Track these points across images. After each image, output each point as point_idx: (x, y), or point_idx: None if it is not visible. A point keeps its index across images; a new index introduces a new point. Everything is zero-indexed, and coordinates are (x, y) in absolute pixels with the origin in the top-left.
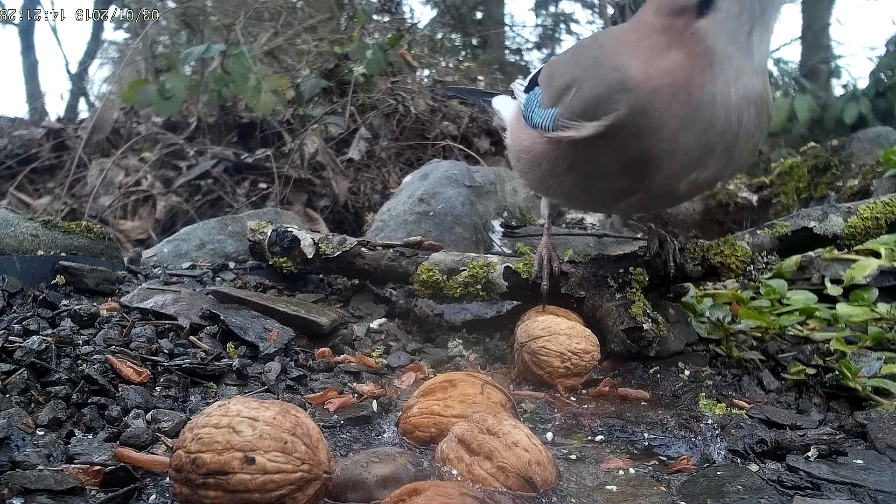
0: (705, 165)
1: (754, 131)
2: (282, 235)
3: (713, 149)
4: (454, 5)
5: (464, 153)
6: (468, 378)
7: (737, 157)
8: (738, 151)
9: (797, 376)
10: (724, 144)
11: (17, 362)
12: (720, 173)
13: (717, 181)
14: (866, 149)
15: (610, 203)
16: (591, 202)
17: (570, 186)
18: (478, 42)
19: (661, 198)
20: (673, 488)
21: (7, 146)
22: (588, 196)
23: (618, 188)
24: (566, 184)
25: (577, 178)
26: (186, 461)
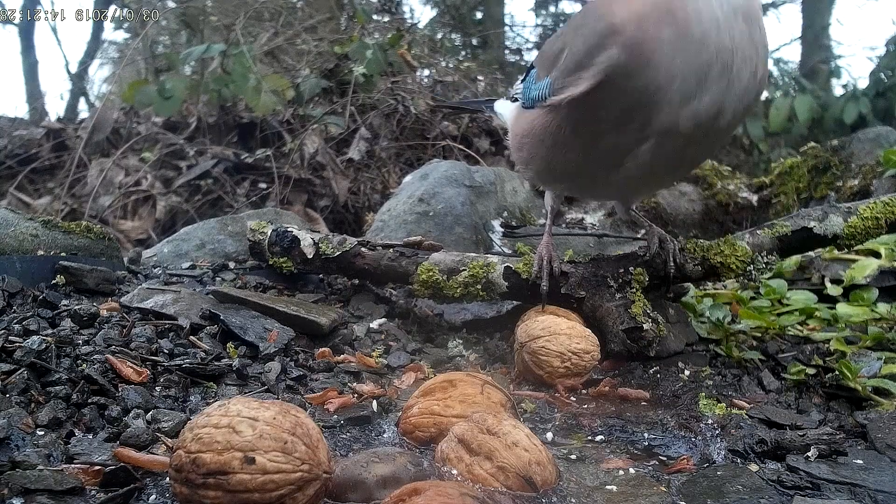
0: (704, 89)
1: (749, 49)
2: (282, 235)
3: (709, 68)
4: (454, 5)
5: (464, 153)
6: (468, 378)
7: (736, 84)
8: (735, 74)
9: (797, 376)
10: (721, 64)
11: (17, 362)
12: (721, 101)
13: (719, 115)
14: (866, 149)
15: (616, 168)
16: (596, 176)
17: (574, 158)
18: (478, 42)
19: (666, 147)
20: (673, 488)
21: (7, 146)
22: (593, 167)
23: (622, 145)
24: (570, 155)
25: (580, 145)
26: (186, 461)
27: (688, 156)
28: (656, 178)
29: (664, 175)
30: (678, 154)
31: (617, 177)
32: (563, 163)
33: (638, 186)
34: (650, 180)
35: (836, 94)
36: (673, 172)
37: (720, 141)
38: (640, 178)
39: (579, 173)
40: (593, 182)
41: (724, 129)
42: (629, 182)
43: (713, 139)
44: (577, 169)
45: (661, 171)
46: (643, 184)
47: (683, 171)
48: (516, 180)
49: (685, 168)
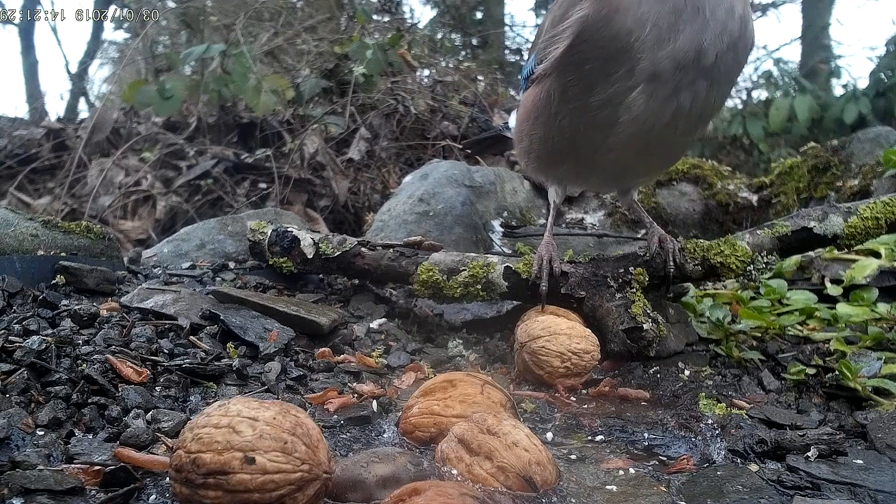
0: (678, 31)
1: None
2: (282, 235)
3: (679, 10)
4: (454, 5)
5: (464, 153)
6: (468, 378)
7: (712, 23)
8: (710, 14)
9: (797, 376)
10: (691, 5)
11: (17, 362)
12: (699, 41)
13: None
14: (866, 149)
15: (611, 129)
16: (594, 148)
17: (568, 126)
18: (478, 42)
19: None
20: (673, 488)
21: (7, 146)
22: (588, 133)
23: (612, 99)
24: (564, 123)
25: (572, 110)
26: (186, 461)
27: (684, 107)
28: (656, 140)
29: (664, 134)
30: (673, 105)
31: (615, 140)
32: (559, 136)
33: (637, 157)
34: (650, 144)
35: (836, 94)
36: (673, 130)
37: (716, 89)
38: (639, 141)
39: (575, 145)
40: (591, 156)
41: (712, 70)
42: (627, 150)
43: (706, 84)
44: (572, 142)
45: (659, 129)
46: (643, 151)
47: (685, 128)
48: (516, 180)
49: (686, 125)
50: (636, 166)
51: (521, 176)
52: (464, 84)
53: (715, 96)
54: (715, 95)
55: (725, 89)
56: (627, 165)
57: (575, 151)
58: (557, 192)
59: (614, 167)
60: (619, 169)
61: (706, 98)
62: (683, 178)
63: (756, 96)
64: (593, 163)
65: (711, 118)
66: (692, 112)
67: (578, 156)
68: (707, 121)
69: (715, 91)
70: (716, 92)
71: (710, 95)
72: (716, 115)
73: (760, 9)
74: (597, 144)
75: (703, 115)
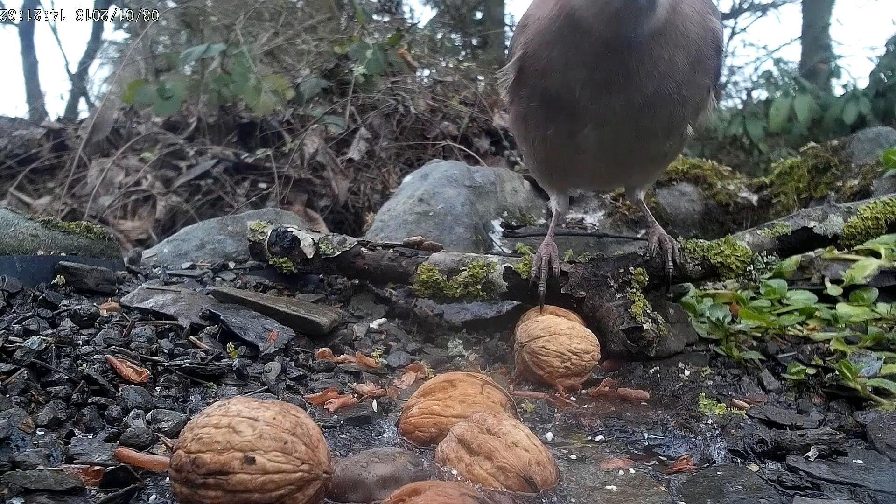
0: (612, 91)
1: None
2: (282, 235)
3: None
4: (454, 5)
5: (464, 153)
6: (468, 378)
7: (650, 83)
8: (647, 74)
9: (797, 376)
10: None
11: (17, 362)
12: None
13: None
14: (866, 149)
15: (579, 152)
16: (572, 161)
17: (542, 145)
18: (478, 42)
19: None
20: (673, 488)
21: (7, 146)
22: (560, 151)
23: (569, 130)
24: (538, 143)
25: (540, 132)
26: (186, 461)
27: (645, 128)
28: (624, 160)
29: (634, 149)
30: (630, 133)
31: (586, 160)
32: (538, 152)
33: (615, 167)
34: (622, 158)
35: (836, 94)
36: (641, 145)
37: (678, 110)
38: (607, 161)
39: (556, 160)
40: (574, 168)
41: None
42: (601, 164)
43: (665, 111)
44: (551, 157)
45: (625, 147)
46: (618, 164)
47: (653, 142)
48: (516, 180)
49: (653, 140)
50: (619, 172)
51: (521, 176)
52: (464, 84)
53: (682, 111)
54: (682, 110)
55: (694, 99)
56: (610, 173)
57: (557, 165)
58: (559, 201)
59: (598, 175)
60: (604, 176)
61: (670, 116)
62: (683, 178)
63: (756, 96)
64: (579, 173)
65: (687, 123)
66: (656, 129)
67: (562, 169)
68: (680, 127)
69: (680, 108)
70: (682, 108)
71: (675, 112)
72: (695, 118)
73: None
74: (571, 161)
75: (672, 126)
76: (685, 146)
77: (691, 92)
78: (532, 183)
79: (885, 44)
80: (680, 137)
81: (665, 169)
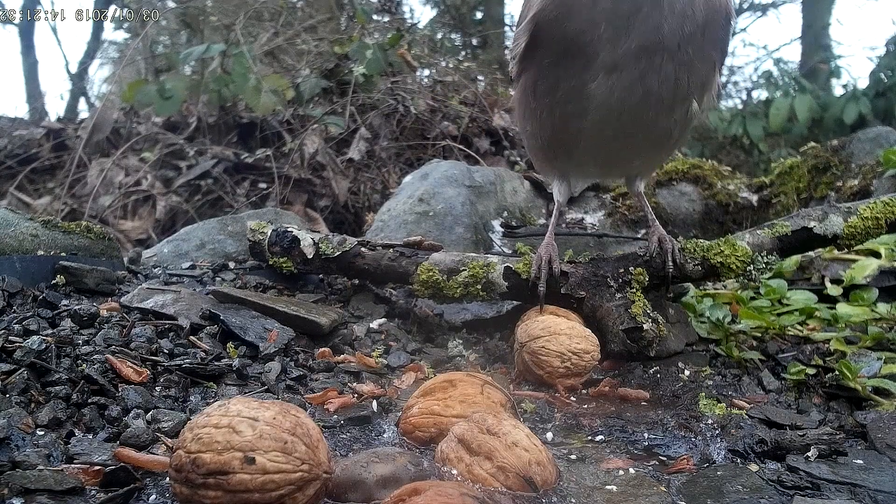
0: (635, 26)
1: None
2: (282, 235)
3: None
4: (454, 5)
5: (464, 153)
6: (468, 378)
7: (670, 18)
8: (669, 7)
9: (797, 376)
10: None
11: (17, 362)
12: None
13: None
14: (866, 149)
15: (584, 116)
16: (578, 135)
17: (548, 116)
18: (478, 42)
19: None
20: (673, 488)
21: (7, 146)
22: (565, 120)
23: (578, 87)
24: (545, 115)
25: (547, 100)
26: (186, 461)
27: (651, 90)
28: (630, 124)
29: (638, 117)
30: (639, 91)
31: (590, 128)
32: (544, 129)
33: (619, 141)
34: (626, 127)
35: (836, 94)
36: (645, 112)
37: (686, 71)
38: (614, 130)
39: (560, 136)
40: (578, 144)
41: (677, 54)
42: (605, 135)
43: (673, 68)
44: (556, 133)
45: (630, 113)
46: (622, 135)
47: (658, 110)
48: (516, 180)
49: (659, 107)
50: (624, 151)
51: (521, 176)
52: (464, 84)
53: (688, 77)
54: (688, 77)
55: (700, 69)
56: (614, 150)
57: (562, 141)
58: (560, 189)
59: (603, 153)
60: (609, 155)
61: (676, 80)
62: (683, 178)
63: (756, 96)
64: (582, 151)
65: (693, 97)
66: (662, 94)
67: (567, 145)
68: (686, 100)
69: (686, 73)
70: (687, 74)
71: (681, 77)
72: (701, 94)
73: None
74: (577, 133)
75: (676, 95)
76: (689, 129)
77: (698, 56)
78: (532, 183)
79: (885, 44)
80: (685, 115)
81: (669, 155)
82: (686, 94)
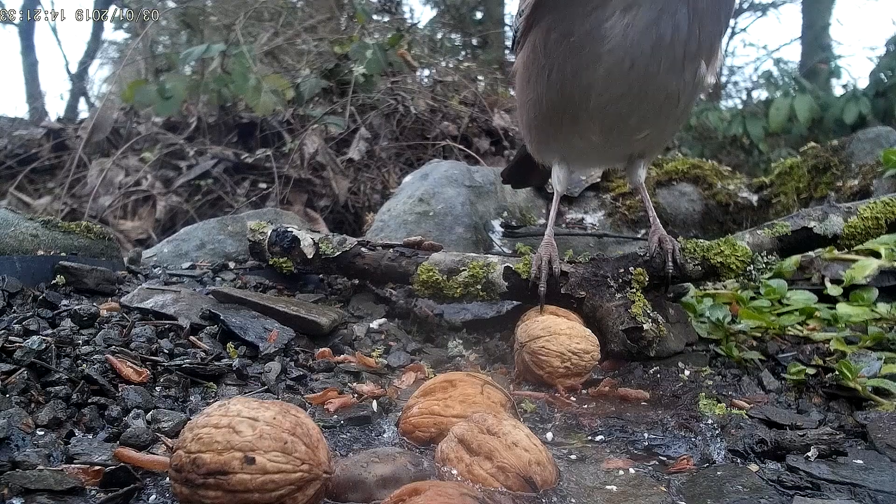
0: None
1: None
2: (282, 235)
3: None
4: (454, 5)
5: (464, 153)
6: (468, 378)
7: None
8: None
9: (797, 376)
10: None
11: (17, 362)
12: None
13: None
14: (866, 149)
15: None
16: (587, 96)
17: (558, 74)
18: (478, 42)
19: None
20: (673, 488)
21: (7, 146)
22: (575, 74)
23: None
24: (554, 73)
25: (558, 53)
26: (186, 461)
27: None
28: (641, 78)
29: (649, 71)
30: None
31: (601, 80)
32: (551, 91)
33: (628, 100)
34: (636, 82)
35: (836, 94)
36: (657, 65)
37: (699, 24)
38: (623, 78)
39: (567, 97)
40: (585, 107)
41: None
42: (615, 90)
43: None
44: (564, 94)
45: (642, 64)
46: (631, 93)
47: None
48: None
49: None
50: (631, 115)
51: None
52: (464, 84)
53: (699, 33)
54: (700, 31)
55: (711, 26)
56: (622, 114)
57: (570, 101)
58: (559, 176)
59: (610, 117)
60: (615, 120)
61: (689, 32)
62: (683, 178)
63: (756, 96)
64: (589, 114)
65: (701, 57)
66: (674, 45)
67: (574, 107)
68: (695, 59)
69: (698, 26)
70: (699, 27)
71: (693, 29)
72: (708, 57)
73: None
74: (587, 89)
75: (687, 51)
76: (694, 100)
77: (711, 12)
78: None
79: (885, 44)
80: (693, 78)
81: (673, 130)
82: (696, 53)
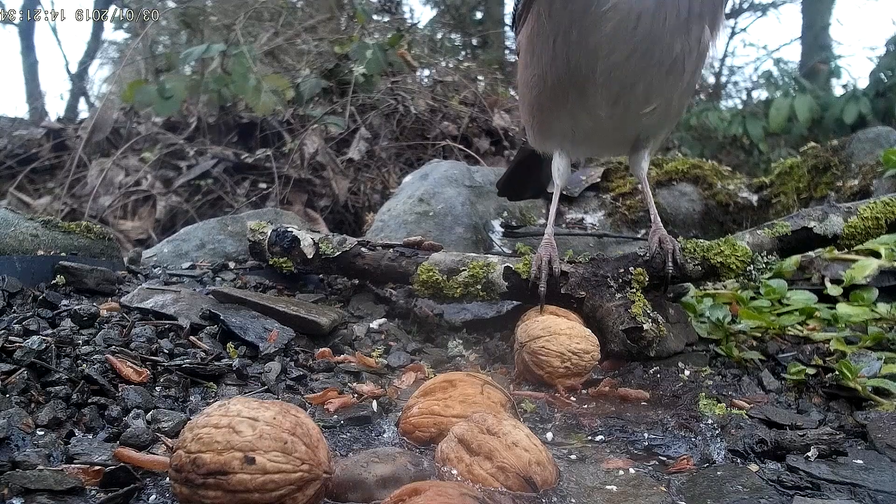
0: None
1: None
2: (282, 235)
3: None
4: (454, 5)
5: (464, 153)
6: (468, 378)
7: None
8: None
9: (797, 376)
10: None
11: (17, 362)
12: None
13: None
14: (866, 149)
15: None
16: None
17: (563, 42)
18: (478, 42)
19: None
20: (673, 488)
21: (7, 146)
22: (583, 42)
23: None
24: (559, 42)
25: (563, 17)
26: (186, 461)
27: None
28: (645, 39)
29: (653, 31)
30: None
31: (606, 41)
32: (555, 63)
33: (632, 63)
34: (641, 43)
35: (836, 94)
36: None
37: None
38: (628, 39)
39: (573, 67)
40: (591, 76)
41: None
42: (620, 52)
43: None
44: (569, 63)
45: (646, 23)
46: (636, 55)
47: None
48: None
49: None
50: (638, 84)
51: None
52: (464, 84)
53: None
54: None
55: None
56: (628, 81)
57: (575, 74)
58: (559, 166)
59: (616, 86)
60: (622, 91)
61: None
62: (683, 178)
63: (756, 96)
64: (594, 85)
65: (705, 21)
66: (678, 4)
67: (579, 78)
68: (699, 21)
69: None
70: None
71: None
72: (712, 21)
73: (760, 9)
74: (593, 53)
75: (692, 8)
76: (700, 69)
77: None
78: None
79: (885, 44)
80: (697, 43)
81: (682, 105)
82: (700, 13)
